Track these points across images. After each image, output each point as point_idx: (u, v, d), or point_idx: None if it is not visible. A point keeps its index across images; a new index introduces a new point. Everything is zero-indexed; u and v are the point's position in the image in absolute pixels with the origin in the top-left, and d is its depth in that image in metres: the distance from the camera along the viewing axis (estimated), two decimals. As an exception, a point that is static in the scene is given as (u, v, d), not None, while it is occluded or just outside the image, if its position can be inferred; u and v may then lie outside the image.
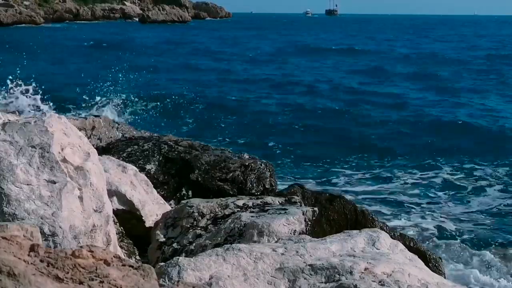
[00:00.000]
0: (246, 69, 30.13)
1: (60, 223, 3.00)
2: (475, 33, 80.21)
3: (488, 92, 23.23)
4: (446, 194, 10.68)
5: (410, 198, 10.41)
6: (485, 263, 7.62)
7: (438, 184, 11.25)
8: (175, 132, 11.64)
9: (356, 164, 12.55)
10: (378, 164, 12.59)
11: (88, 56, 34.99)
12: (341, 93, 22.18)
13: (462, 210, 9.75)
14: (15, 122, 3.32)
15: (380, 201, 10.14)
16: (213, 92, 21.57)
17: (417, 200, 10.27)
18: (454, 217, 9.42)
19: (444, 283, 2.77)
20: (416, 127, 16.40)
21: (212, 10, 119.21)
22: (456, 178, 11.60)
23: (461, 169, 12.19)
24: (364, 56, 38.66)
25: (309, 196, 5.16)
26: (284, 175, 11.15)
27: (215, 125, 16.30)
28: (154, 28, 72.07)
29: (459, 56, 39.28)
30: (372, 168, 12.24)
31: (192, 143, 5.99)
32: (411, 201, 10.20)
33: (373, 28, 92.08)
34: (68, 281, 1.77)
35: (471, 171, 12.07)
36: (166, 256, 3.80)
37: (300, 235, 3.49)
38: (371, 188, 10.86)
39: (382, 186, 11.01)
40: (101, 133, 6.72)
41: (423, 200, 10.29)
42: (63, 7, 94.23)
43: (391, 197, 10.42)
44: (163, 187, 5.37)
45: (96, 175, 3.33)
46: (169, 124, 15.51)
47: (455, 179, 11.54)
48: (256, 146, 13.23)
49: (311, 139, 14.90)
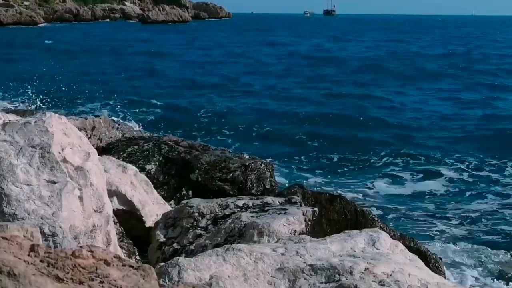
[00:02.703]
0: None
1: (60, 223, 3.00)
2: (442, 33, 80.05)
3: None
4: (446, 194, 10.68)
5: (410, 198, 10.41)
6: (485, 263, 7.62)
7: (438, 184, 11.25)
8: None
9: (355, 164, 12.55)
10: (378, 164, 12.59)
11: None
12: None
13: (462, 210, 9.74)
14: (15, 122, 3.32)
15: (380, 201, 10.14)
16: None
17: (417, 200, 10.27)
18: (454, 217, 9.41)
19: (444, 283, 2.77)
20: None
21: (212, 10, 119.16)
22: (456, 178, 11.59)
23: (461, 169, 12.18)
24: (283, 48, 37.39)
25: (309, 196, 5.17)
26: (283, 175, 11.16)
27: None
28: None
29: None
30: (372, 168, 12.24)
31: (192, 143, 6.00)
32: (411, 201, 10.20)
33: (352, 29, 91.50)
34: (68, 281, 1.77)
35: (472, 171, 12.07)
36: (166, 256, 3.81)
37: (300, 235, 3.49)
38: (371, 188, 10.86)
39: (382, 186, 11.00)
40: (101, 133, 6.72)
41: (423, 200, 10.29)
42: (63, 7, 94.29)
43: (391, 197, 10.42)
44: (163, 187, 5.37)
45: (96, 175, 3.33)
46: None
47: (455, 179, 11.54)
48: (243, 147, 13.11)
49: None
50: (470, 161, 12.69)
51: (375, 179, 11.43)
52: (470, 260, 7.71)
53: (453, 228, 8.91)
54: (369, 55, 39.15)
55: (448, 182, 11.35)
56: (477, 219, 9.33)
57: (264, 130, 15.82)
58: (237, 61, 34.40)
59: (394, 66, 31.70)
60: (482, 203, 10.14)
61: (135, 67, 30.10)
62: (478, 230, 8.89)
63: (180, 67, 31.19)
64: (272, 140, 14.78)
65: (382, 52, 42.70)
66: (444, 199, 10.41)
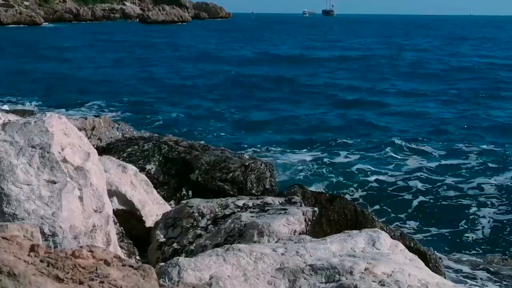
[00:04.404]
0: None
1: (60, 223, 3.00)
2: (425, 32, 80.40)
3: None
4: (446, 194, 10.67)
5: (411, 198, 10.40)
6: (485, 263, 7.62)
7: (438, 183, 11.24)
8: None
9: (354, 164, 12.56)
10: (377, 164, 12.59)
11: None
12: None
13: (462, 210, 9.74)
14: (15, 122, 3.32)
15: (380, 201, 10.14)
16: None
17: (418, 200, 10.27)
18: (455, 217, 9.41)
19: (444, 283, 2.77)
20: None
21: (212, 10, 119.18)
22: (455, 178, 11.59)
23: (460, 169, 12.19)
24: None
25: (309, 196, 5.17)
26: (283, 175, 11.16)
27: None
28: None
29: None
30: (371, 169, 12.24)
31: (192, 143, 6.00)
32: (411, 201, 10.19)
33: (338, 30, 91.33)
34: (68, 281, 1.77)
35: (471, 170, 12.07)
36: (166, 256, 3.81)
37: (300, 235, 3.49)
38: (371, 188, 10.86)
39: (382, 186, 11.00)
40: (101, 133, 6.71)
41: (423, 200, 10.28)
42: (63, 7, 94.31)
43: (391, 197, 10.42)
44: (163, 187, 5.37)
45: (96, 175, 3.33)
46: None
47: (455, 179, 11.54)
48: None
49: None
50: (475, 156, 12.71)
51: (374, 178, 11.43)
52: (470, 260, 7.72)
53: (453, 227, 8.91)
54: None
55: (448, 181, 11.36)
56: (477, 218, 9.33)
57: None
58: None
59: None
60: (482, 202, 10.14)
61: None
62: (478, 229, 8.89)
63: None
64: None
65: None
66: (444, 198, 10.41)
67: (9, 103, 17.61)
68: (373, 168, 12.18)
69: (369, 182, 11.23)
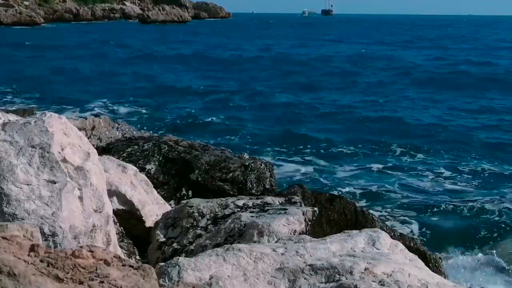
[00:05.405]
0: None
1: (60, 223, 3.00)
2: (415, 33, 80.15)
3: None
4: (445, 194, 10.67)
5: (410, 198, 10.40)
6: (485, 263, 7.62)
7: (438, 183, 11.25)
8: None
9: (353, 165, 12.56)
10: (377, 164, 12.59)
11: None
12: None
13: (462, 210, 9.74)
14: (15, 122, 3.32)
15: (380, 201, 10.14)
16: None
17: (418, 200, 10.27)
18: (454, 217, 9.41)
19: (444, 283, 2.76)
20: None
21: (212, 10, 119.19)
22: (456, 179, 11.59)
23: (461, 168, 12.19)
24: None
25: (309, 196, 5.17)
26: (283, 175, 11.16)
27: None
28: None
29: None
30: (371, 168, 12.24)
31: (192, 143, 5.99)
32: (411, 201, 10.19)
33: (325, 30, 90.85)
34: (68, 281, 1.77)
35: (470, 170, 12.07)
36: (166, 256, 3.80)
37: (300, 235, 3.49)
38: (371, 188, 10.86)
39: (382, 186, 11.00)
40: (101, 133, 6.72)
41: (423, 200, 10.28)
42: (63, 7, 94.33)
43: (391, 197, 10.42)
44: (163, 187, 5.37)
45: (96, 175, 3.33)
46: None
47: (455, 179, 11.54)
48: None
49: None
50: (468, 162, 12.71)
51: (374, 178, 11.44)
52: (470, 260, 7.71)
53: (453, 227, 8.91)
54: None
55: (448, 181, 11.36)
56: (478, 218, 9.33)
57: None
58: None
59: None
60: (482, 202, 10.13)
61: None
62: (479, 229, 8.89)
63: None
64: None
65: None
66: (444, 198, 10.41)
67: (9, 103, 17.65)
68: (373, 168, 12.20)
69: (369, 182, 11.24)
